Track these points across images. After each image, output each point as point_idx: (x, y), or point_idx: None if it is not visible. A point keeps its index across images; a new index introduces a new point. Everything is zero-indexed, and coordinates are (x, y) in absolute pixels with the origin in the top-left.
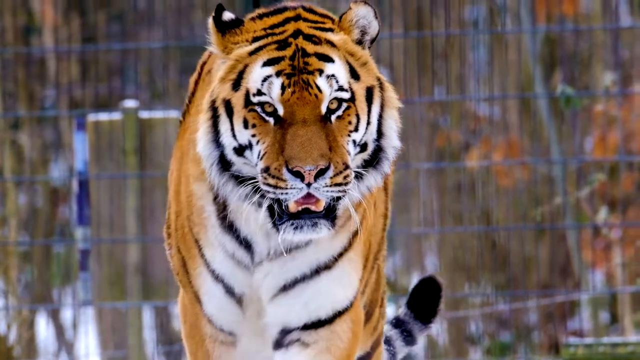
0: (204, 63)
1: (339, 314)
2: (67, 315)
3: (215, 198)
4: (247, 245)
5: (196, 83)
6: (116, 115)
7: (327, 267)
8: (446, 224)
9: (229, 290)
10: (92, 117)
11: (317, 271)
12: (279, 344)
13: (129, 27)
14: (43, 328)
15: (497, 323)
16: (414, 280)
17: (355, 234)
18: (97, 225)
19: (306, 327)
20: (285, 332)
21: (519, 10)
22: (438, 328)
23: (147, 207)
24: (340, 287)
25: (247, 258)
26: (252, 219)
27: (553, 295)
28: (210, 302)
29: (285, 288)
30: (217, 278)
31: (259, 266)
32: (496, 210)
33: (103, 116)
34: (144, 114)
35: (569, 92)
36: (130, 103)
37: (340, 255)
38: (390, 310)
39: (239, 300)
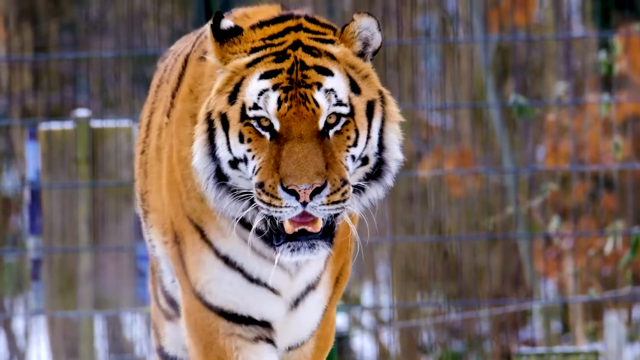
0: (187, 55)
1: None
2: (18, 324)
3: None
4: (260, 233)
5: (180, 77)
6: (68, 125)
7: (313, 287)
8: (398, 234)
9: (254, 279)
10: (44, 127)
11: (307, 289)
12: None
13: (81, 36)
14: None
15: (448, 332)
16: (366, 289)
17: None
18: (49, 234)
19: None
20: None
21: (471, 19)
22: (390, 337)
23: (99, 216)
24: (320, 308)
25: (264, 246)
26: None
27: (505, 305)
28: (221, 289)
29: (291, 307)
30: (231, 264)
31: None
32: (448, 220)
33: (55, 125)
34: (96, 123)
35: (521, 101)
36: (82, 112)
37: (321, 274)
38: (342, 320)
39: (270, 288)
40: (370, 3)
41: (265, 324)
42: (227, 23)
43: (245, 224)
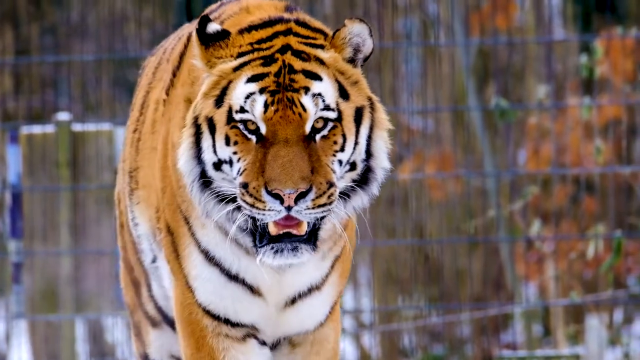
0: (188, 39)
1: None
2: None
3: None
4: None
5: (181, 56)
6: (49, 128)
7: (318, 288)
8: (379, 237)
9: (233, 277)
10: (25, 130)
11: (310, 290)
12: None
13: (62, 39)
14: None
15: (429, 336)
16: (347, 293)
17: (338, 256)
18: (30, 237)
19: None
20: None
21: (452, 22)
22: (371, 341)
23: (80, 220)
24: (324, 305)
25: (248, 241)
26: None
27: (486, 308)
28: (204, 288)
29: (290, 302)
30: (212, 260)
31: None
32: (429, 223)
33: (36, 129)
34: (77, 127)
35: (502, 104)
36: (63, 116)
37: (327, 277)
38: None
39: (254, 290)
40: (352, 6)
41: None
42: (213, 27)
43: (228, 218)
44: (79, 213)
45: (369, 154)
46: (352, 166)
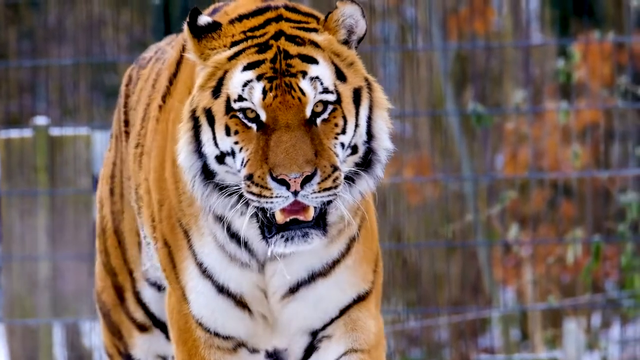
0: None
1: (354, 302)
2: None
3: None
4: (239, 241)
5: (178, 64)
6: (27, 133)
7: (337, 261)
8: None
9: (222, 289)
10: (2, 135)
11: (313, 276)
12: (312, 349)
13: (40, 43)
14: None
15: (407, 340)
16: None
17: (353, 239)
18: (8, 242)
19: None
20: (314, 334)
21: (430, 27)
22: None
23: (57, 224)
24: (352, 279)
25: (245, 256)
26: (240, 220)
27: (464, 313)
28: (199, 300)
29: (298, 287)
30: (205, 273)
31: (268, 265)
32: (407, 227)
33: (14, 133)
34: (55, 131)
35: (480, 109)
36: (41, 120)
37: (338, 261)
38: None
39: (239, 301)
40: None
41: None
42: (203, 19)
43: (224, 224)
44: (56, 217)
45: (370, 135)
46: (354, 149)
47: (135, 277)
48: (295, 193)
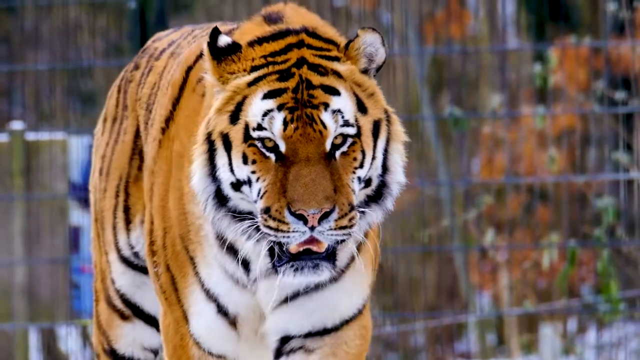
0: (189, 68)
1: (346, 322)
2: None
3: None
4: (245, 264)
5: (181, 88)
6: (3, 137)
7: (333, 279)
8: None
9: (222, 311)
10: None
11: (321, 285)
12: (279, 353)
13: (16, 48)
14: None
15: (384, 345)
16: None
17: (360, 243)
18: None
19: (310, 334)
20: (285, 340)
21: (406, 31)
22: None
23: (33, 229)
24: (347, 296)
25: (245, 277)
26: (247, 244)
27: (440, 317)
28: (199, 322)
29: (287, 300)
30: (211, 297)
31: (260, 282)
32: (383, 232)
33: None
34: (31, 136)
35: (456, 113)
36: (17, 125)
37: (347, 266)
38: None
39: (232, 321)
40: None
41: None
42: (224, 40)
43: (230, 249)
44: (32, 222)
45: (385, 168)
46: (368, 182)
47: (110, 260)
48: (312, 228)
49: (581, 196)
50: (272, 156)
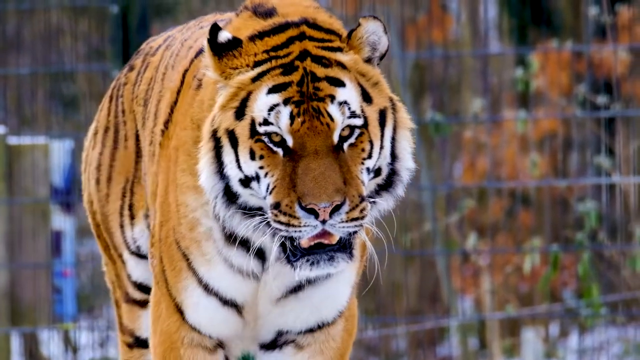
0: (185, 71)
1: (338, 315)
2: None
3: None
4: (259, 255)
5: (178, 92)
6: None
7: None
8: None
9: (227, 302)
10: None
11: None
12: (272, 345)
13: None
14: None
15: (365, 349)
16: None
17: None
18: None
19: (305, 330)
20: (281, 334)
21: (388, 36)
22: None
23: (15, 233)
24: (344, 286)
25: (259, 266)
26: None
27: (422, 322)
28: (197, 312)
29: (296, 290)
30: (210, 291)
31: (267, 270)
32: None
33: None
34: (13, 140)
35: (438, 118)
36: None
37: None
38: None
39: (239, 310)
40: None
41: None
42: (224, 35)
43: (241, 243)
44: (14, 226)
45: (393, 156)
46: (377, 172)
47: (124, 259)
48: (323, 222)
49: (563, 200)
50: (280, 151)
